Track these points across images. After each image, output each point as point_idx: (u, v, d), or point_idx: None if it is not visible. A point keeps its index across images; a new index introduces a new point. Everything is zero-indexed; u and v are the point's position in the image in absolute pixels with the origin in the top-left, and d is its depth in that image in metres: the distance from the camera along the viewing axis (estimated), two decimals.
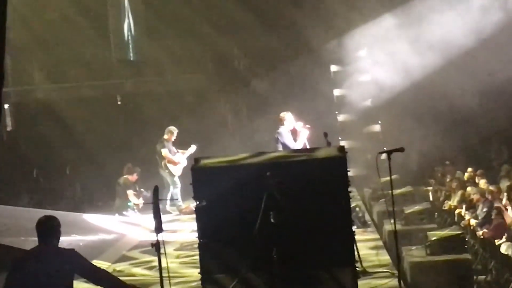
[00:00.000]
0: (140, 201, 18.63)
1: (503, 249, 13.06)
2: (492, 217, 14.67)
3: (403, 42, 20.40)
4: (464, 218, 16.20)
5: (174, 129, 18.82)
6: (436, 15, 20.35)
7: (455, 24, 19.87)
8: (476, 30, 20.26)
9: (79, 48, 23.84)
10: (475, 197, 16.56)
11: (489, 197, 16.00)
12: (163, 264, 7.97)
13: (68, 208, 18.90)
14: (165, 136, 18.75)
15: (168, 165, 18.57)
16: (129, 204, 18.52)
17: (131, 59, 25.26)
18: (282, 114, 15.23)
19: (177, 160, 18.66)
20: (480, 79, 22.82)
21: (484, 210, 15.47)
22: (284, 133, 14.96)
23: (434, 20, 20.14)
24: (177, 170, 18.63)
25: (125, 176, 18.95)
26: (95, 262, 8.96)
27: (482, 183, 17.38)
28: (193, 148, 18.71)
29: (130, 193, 18.66)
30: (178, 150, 18.83)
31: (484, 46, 21.18)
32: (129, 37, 25.02)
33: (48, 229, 7.39)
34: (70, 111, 23.54)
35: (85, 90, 24.61)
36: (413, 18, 20.30)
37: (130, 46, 25.13)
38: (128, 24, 24.93)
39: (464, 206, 16.94)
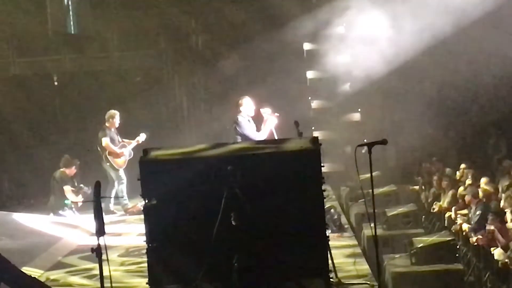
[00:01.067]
0: (79, 198, 18.45)
1: (496, 255, 13.20)
2: (488, 221, 14.80)
3: (388, 17, 20.46)
4: (456, 223, 16.34)
5: (115, 113, 18.67)
6: None
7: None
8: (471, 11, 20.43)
9: (9, 19, 23.63)
10: (467, 198, 16.70)
11: (484, 199, 16.15)
12: (105, 273, 7.96)
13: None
14: (107, 123, 18.63)
15: (109, 157, 18.47)
16: (66, 202, 18.36)
17: (71, 32, 25.11)
18: (239, 100, 15.17)
19: (119, 151, 18.56)
20: (475, 62, 23.04)
21: (478, 213, 15.60)
22: (243, 122, 14.84)
23: None
24: (120, 163, 18.55)
25: (61, 170, 18.82)
26: (25, 270, 8.94)
27: (483, 182, 17.46)
28: (142, 137, 18.64)
29: (68, 189, 18.51)
30: (124, 140, 18.75)
31: (481, 27, 21.37)
32: (69, 7, 24.88)
33: None
34: None
35: (15, 68, 24.44)
36: None
37: (70, 17, 24.99)
38: None
39: (454, 208, 17.09)
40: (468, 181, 18.04)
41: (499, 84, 23.30)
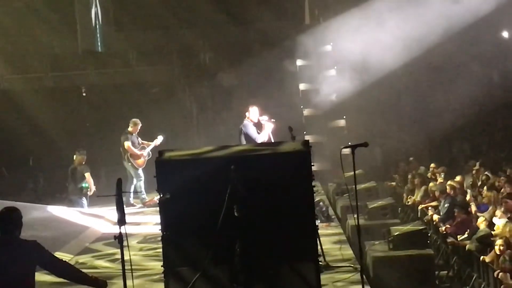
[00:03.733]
0: (94, 188, 18.19)
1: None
2: (455, 213, 14.80)
3: (368, 37, 20.46)
4: (427, 214, 16.34)
5: (138, 122, 18.68)
6: (401, 11, 20.43)
7: (421, 19, 19.98)
8: (443, 26, 20.41)
9: (44, 38, 23.64)
10: (436, 192, 16.71)
11: (451, 192, 16.14)
12: (126, 257, 7.94)
13: (30, 199, 18.74)
14: (129, 128, 18.60)
15: (131, 158, 18.46)
16: (84, 185, 18.14)
17: (98, 50, 25.11)
18: (248, 108, 15.45)
19: (139, 153, 18.55)
20: (446, 75, 23.05)
21: (446, 205, 15.60)
22: (249, 126, 15.26)
23: (400, 15, 20.22)
24: (140, 163, 18.53)
25: (79, 158, 18.52)
26: (58, 254, 8.90)
27: (455, 180, 17.45)
28: (159, 139, 18.57)
29: (88, 174, 18.27)
30: (143, 142, 18.72)
31: (450, 42, 21.39)
32: (97, 28, 24.87)
33: (10, 220, 7.34)
34: (34, 102, 23.34)
35: (50, 81, 24.44)
36: (378, 14, 20.35)
37: (97, 37, 24.98)
38: (95, 15, 24.79)
39: (426, 202, 17.09)
40: (440, 179, 18.03)
41: (463, 96, 23.32)
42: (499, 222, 13.07)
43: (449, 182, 16.90)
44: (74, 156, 18.45)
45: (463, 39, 21.75)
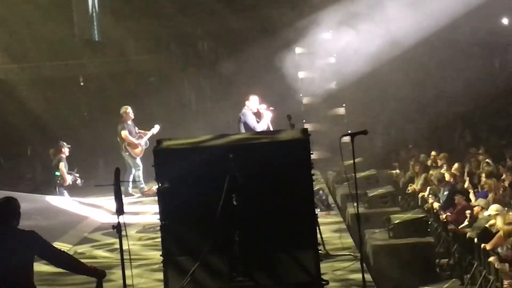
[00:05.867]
0: (69, 178, 18.26)
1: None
2: (456, 201, 14.79)
3: (368, 25, 20.45)
4: (427, 202, 16.34)
5: (127, 107, 18.59)
6: None
7: (422, 6, 19.97)
8: (444, 13, 20.41)
9: (41, 27, 23.58)
10: (437, 180, 16.70)
11: (451, 180, 16.14)
12: (125, 246, 7.96)
13: (28, 189, 18.76)
14: (122, 118, 18.58)
15: (128, 147, 18.46)
16: (56, 173, 18.17)
17: (95, 39, 25.06)
18: (248, 96, 15.46)
19: (137, 142, 18.54)
20: (446, 62, 23.05)
21: (445, 193, 15.61)
22: (248, 114, 15.22)
23: (400, 2, 20.19)
24: (137, 152, 18.53)
25: (52, 149, 18.63)
26: (56, 244, 8.94)
27: (454, 167, 17.44)
28: (156, 128, 18.57)
29: (62, 165, 18.32)
30: (140, 131, 18.72)
31: (451, 29, 21.41)
32: (93, 17, 24.82)
33: (8, 210, 7.34)
34: (32, 92, 23.35)
35: (47, 70, 24.42)
36: (378, 1, 20.32)
37: (94, 26, 24.93)
38: (92, 3, 24.73)
39: (427, 189, 17.07)
40: (444, 166, 17.91)
41: (464, 83, 23.33)
42: (496, 209, 13.02)
43: (444, 169, 16.93)
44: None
45: (464, 26, 21.75)
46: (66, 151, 18.45)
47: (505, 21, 24.02)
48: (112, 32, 24.62)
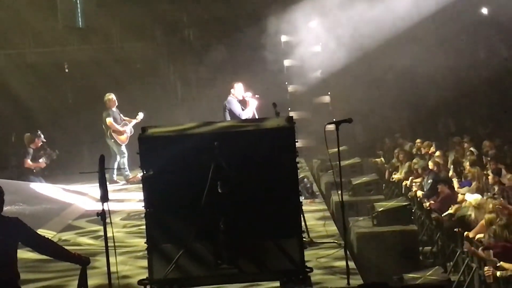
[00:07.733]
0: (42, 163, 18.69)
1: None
2: (439, 189, 14.86)
3: (353, 13, 20.46)
4: (411, 190, 16.41)
5: (109, 94, 18.67)
6: None
7: None
8: (428, 2, 20.48)
9: (24, 14, 23.44)
10: (420, 168, 16.78)
11: (435, 168, 16.21)
12: (109, 234, 7.96)
13: (13, 176, 18.71)
14: (106, 104, 18.60)
15: (113, 134, 18.45)
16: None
17: (79, 26, 24.93)
18: (233, 84, 15.52)
19: (122, 129, 18.53)
20: (430, 51, 23.08)
21: (429, 181, 15.67)
22: (233, 102, 15.31)
23: None
24: (122, 139, 18.52)
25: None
26: (40, 231, 8.93)
27: (436, 155, 17.47)
28: (140, 116, 18.60)
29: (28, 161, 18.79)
30: (125, 118, 18.71)
31: (435, 18, 21.48)
32: (77, 4, 24.68)
33: None
34: (16, 79, 23.22)
35: (31, 57, 24.31)
36: None
37: (78, 12, 24.79)
38: None
39: (410, 178, 17.14)
40: (437, 154, 17.81)
41: (449, 72, 23.39)
42: (475, 197, 13.07)
43: (433, 159, 16.98)
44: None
45: (447, 15, 21.82)
46: (38, 143, 18.67)
47: (484, 10, 24.12)
48: (96, 19, 24.50)
